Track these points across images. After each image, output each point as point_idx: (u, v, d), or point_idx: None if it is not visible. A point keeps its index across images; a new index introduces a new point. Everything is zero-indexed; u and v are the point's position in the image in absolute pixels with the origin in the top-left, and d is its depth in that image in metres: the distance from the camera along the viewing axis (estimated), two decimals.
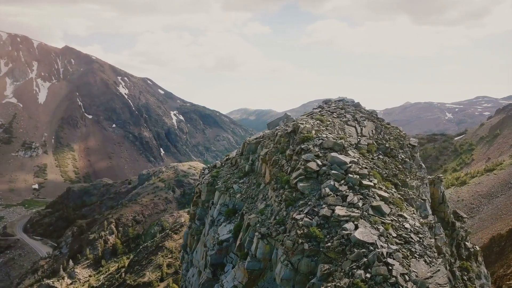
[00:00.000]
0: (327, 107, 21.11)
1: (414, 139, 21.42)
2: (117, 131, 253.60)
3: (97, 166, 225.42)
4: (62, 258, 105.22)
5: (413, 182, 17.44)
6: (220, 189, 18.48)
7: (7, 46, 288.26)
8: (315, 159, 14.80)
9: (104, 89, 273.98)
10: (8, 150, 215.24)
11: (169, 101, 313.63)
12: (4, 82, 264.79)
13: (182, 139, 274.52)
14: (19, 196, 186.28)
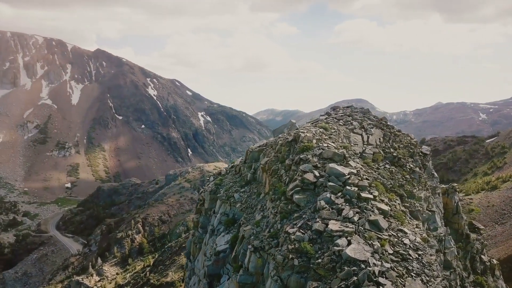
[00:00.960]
0: (334, 114, 20.57)
1: (426, 147, 20.60)
2: (146, 131, 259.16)
3: (126, 166, 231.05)
4: (91, 256, 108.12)
5: (421, 193, 16.70)
6: (221, 198, 18.30)
7: (43, 50, 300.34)
8: (312, 170, 14.27)
9: (134, 91, 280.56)
10: (43, 150, 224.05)
11: (196, 102, 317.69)
12: (40, 85, 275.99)
13: (209, 139, 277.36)
14: (53, 194, 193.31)
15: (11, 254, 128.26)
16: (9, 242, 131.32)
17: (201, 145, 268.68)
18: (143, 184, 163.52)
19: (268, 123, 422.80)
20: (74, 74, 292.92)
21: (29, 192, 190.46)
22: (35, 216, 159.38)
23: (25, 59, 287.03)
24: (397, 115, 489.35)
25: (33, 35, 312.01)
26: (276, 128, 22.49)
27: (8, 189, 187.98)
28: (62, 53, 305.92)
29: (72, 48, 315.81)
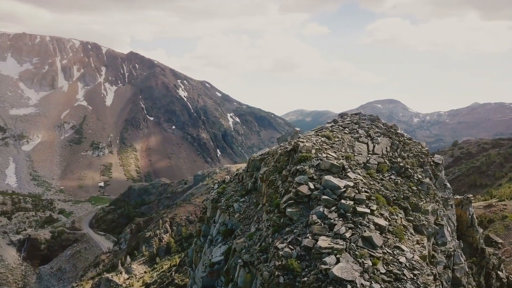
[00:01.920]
0: (341, 121, 19.85)
1: (439, 156, 19.56)
2: (177, 132, 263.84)
3: (157, 166, 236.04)
4: (121, 254, 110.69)
5: (429, 205, 15.85)
6: (221, 207, 18.03)
7: (80, 53, 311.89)
8: (308, 182, 13.65)
9: (165, 92, 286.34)
10: (78, 150, 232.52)
11: (226, 103, 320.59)
12: (76, 87, 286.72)
13: (237, 140, 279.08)
14: (86, 192, 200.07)
15: (47, 250, 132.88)
16: (45, 238, 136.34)
17: (230, 146, 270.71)
18: (172, 184, 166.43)
19: (297, 123, 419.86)
20: (108, 76, 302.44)
21: (65, 190, 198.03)
22: (69, 214, 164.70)
23: (62, 62, 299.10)
24: (431, 116, 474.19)
25: (70, 39, 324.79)
26: (280, 136, 21.93)
27: (46, 187, 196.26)
28: (97, 56, 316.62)
29: (106, 51, 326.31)
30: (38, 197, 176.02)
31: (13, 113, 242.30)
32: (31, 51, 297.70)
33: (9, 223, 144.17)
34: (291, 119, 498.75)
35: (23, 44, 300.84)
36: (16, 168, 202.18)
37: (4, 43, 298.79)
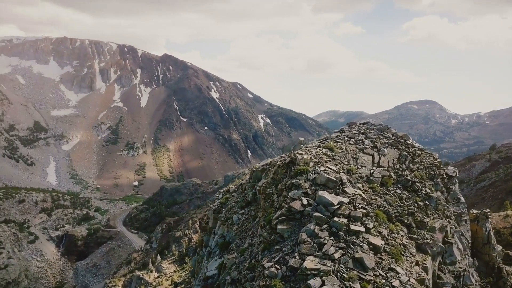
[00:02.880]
0: (347, 131, 19.10)
1: (452, 168, 18.44)
2: (209, 133, 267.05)
3: (189, 166, 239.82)
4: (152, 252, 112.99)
5: (436, 222, 14.95)
6: (221, 219, 17.72)
7: (117, 56, 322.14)
8: (302, 197, 13.04)
9: (198, 94, 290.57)
10: (114, 150, 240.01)
11: (257, 104, 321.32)
12: (113, 88, 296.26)
13: (268, 141, 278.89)
14: (121, 191, 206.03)
15: (83, 246, 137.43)
16: (82, 235, 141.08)
17: (261, 147, 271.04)
18: (203, 184, 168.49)
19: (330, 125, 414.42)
20: (143, 78, 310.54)
21: (101, 189, 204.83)
22: (105, 212, 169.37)
23: (100, 65, 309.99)
24: (470, 117, 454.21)
25: (108, 42, 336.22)
26: (286, 145, 21.37)
27: (83, 186, 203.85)
28: (133, 59, 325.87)
29: (142, 54, 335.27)
30: (76, 195, 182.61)
31: (54, 114, 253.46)
32: (71, 55, 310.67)
33: (49, 219, 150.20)
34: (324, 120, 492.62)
35: (64, 48, 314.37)
36: (56, 167, 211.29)
37: (47, 47, 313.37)
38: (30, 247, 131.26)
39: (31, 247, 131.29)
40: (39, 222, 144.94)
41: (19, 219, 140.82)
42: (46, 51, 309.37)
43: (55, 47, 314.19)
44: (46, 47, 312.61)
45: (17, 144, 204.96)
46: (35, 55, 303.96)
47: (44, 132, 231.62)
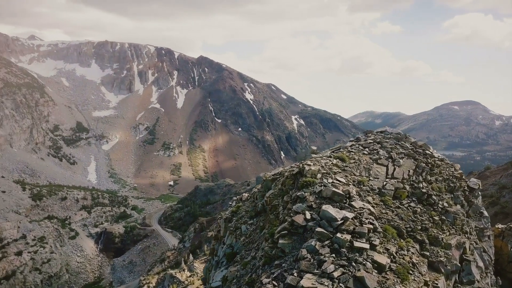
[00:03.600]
0: (363, 140, 18.36)
1: (475, 180, 17.34)
2: (242, 134, 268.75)
3: (223, 166, 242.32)
4: (185, 252, 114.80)
5: (453, 238, 14.14)
6: (230, 228, 17.51)
7: (154, 58, 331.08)
8: (305, 211, 12.52)
9: (232, 95, 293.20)
10: (151, 150, 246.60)
11: (291, 105, 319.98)
12: (151, 90, 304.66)
13: (301, 143, 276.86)
14: (157, 191, 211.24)
15: (121, 243, 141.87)
16: (119, 232, 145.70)
17: (294, 148, 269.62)
18: (235, 184, 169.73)
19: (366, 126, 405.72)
20: (179, 80, 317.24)
21: (138, 188, 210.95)
22: (141, 210, 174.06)
23: (139, 67, 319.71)
24: None
25: (146, 45, 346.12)
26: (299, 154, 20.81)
27: (121, 185, 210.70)
28: (170, 61, 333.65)
29: (178, 56, 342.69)
30: (114, 194, 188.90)
31: (95, 115, 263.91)
32: (112, 58, 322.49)
33: (89, 216, 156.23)
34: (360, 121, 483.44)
35: (105, 51, 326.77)
36: (97, 166, 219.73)
37: (89, 50, 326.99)
38: (71, 242, 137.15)
39: (72, 242, 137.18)
40: (80, 219, 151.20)
41: (61, 216, 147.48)
42: (88, 54, 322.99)
43: (97, 51, 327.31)
44: (88, 50, 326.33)
45: (60, 144, 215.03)
46: (78, 59, 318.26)
47: (86, 132, 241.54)
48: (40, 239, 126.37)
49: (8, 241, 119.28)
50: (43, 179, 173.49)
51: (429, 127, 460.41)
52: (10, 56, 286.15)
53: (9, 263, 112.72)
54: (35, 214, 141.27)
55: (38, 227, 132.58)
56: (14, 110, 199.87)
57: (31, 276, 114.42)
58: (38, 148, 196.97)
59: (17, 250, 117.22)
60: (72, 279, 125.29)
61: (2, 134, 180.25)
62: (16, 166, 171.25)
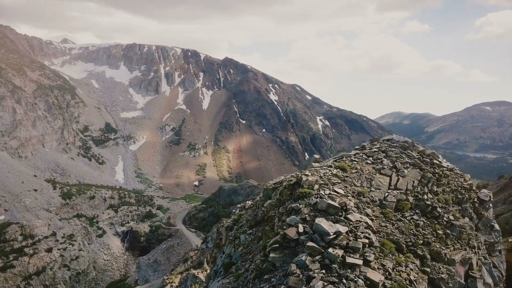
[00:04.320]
0: (368, 148, 17.78)
1: (486, 192, 16.48)
2: (266, 135, 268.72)
3: (247, 167, 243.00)
4: (207, 252, 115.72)
5: (458, 253, 13.49)
6: (230, 237, 17.25)
7: (181, 60, 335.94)
8: (298, 224, 12.17)
9: (256, 96, 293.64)
10: (177, 150, 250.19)
11: (315, 106, 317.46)
12: (177, 91, 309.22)
13: (326, 144, 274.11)
14: (183, 191, 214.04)
15: (146, 242, 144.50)
16: (144, 231, 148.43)
17: (318, 150, 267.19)
18: (259, 186, 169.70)
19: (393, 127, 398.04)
20: (205, 81, 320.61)
21: (164, 188, 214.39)
22: (166, 210, 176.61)
23: (166, 69, 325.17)
24: None
25: (173, 47, 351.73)
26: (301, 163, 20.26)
27: (147, 184, 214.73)
28: (196, 63, 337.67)
29: (204, 58, 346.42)
30: (140, 193, 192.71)
31: (123, 116, 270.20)
32: (139, 60, 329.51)
33: (116, 215, 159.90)
34: (387, 122, 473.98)
35: (133, 53, 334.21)
36: (124, 166, 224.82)
37: (118, 53, 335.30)
38: (99, 240, 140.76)
39: (99, 240, 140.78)
40: (107, 218, 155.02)
41: (89, 214, 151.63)
42: (117, 56, 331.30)
43: (125, 53, 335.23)
44: (117, 53, 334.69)
45: (90, 144, 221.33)
46: (107, 61, 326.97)
47: (114, 133, 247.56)
48: (69, 237, 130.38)
49: (39, 238, 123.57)
50: (73, 178, 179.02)
51: (459, 129, 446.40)
52: (44, 59, 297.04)
53: (39, 259, 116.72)
54: (65, 212, 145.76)
55: (67, 225, 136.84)
56: (46, 111, 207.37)
57: (60, 273, 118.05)
58: (68, 148, 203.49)
59: (48, 247, 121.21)
60: (99, 276, 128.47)
61: (35, 135, 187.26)
62: (48, 165, 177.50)
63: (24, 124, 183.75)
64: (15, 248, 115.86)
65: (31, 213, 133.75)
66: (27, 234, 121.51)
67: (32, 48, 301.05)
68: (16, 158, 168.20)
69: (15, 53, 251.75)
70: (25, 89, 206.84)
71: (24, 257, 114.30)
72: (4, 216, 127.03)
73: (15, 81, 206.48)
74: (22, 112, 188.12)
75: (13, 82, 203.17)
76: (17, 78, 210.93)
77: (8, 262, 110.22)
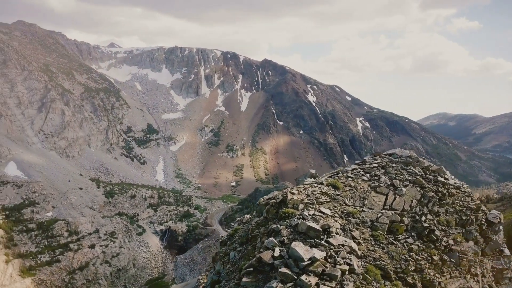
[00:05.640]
0: (368, 163, 16.81)
1: (495, 213, 15.08)
2: (304, 137, 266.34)
3: (284, 168, 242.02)
4: None
5: (454, 282, 12.48)
6: (220, 253, 16.81)
7: (220, 62, 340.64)
8: (275, 247, 11.59)
9: (294, 98, 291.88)
10: (216, 151, 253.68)
11: (355, 107, 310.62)
12: (217, 93, 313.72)
13: (366, 146, 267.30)
14: (220, 191, 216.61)
15: (183, 242, 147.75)
16: (182, 231, 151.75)
17: (358, 152, 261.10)
18: None
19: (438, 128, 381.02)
20: (244, 83, 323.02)
21: (202, 188, 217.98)
22: (204, 210, 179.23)
23: (206, 71, 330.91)
24: None
25: (213, 49, 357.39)
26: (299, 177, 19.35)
27: (186, 184, 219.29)
28: (235, 65, 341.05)
29: (243, 60, 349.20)
30: (179, 193, 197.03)
31: (164, 117, 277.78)
32: (181, 62, 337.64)
33: (155, 214, 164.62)
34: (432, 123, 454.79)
35: (175, 56, 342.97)
36: (164, 166, 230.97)
37: (161, 56, 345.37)
38: (138, 238, 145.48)
39: (139, 238, 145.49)
40: (147, 216, 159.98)
41: (130, 213, 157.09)
42: (159, 60, 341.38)
43: (167, 56, 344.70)
44: (160, 56, 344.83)
45: (132, 145, 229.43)
46: (150, 64, 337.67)
47: (155, 134, 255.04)
48: (111, 234, 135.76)
49: (83, 235, 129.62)
50: (116, 177, 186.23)
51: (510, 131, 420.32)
52: (91, 63, 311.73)
53: (83, 255, 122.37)
54: (107, 210, 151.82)
55: (109, 223, 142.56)
56: (92, 113, 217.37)
57: (101, 268, 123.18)
58: (112, 148, 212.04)
59: (91, 243, 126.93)
60: (138, 273, 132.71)
61: (82, 135, 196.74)
62: (93, 165, 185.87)
63: (72, 125, 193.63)
64: (61, 244, 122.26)
65: (76, 211, 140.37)
66: (72, 231, 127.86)
67: (81, 52, 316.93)
68: (64, 158, 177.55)
69: (65, 57, 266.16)
70: (73, 92, 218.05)
71: (69, 253, 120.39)
72: (52, 212, 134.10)
73: (64, 84, 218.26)
74: (70, 114, 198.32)
75: (62, 85, 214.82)
76: (66, 82, 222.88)
77: (54, 257, 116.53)
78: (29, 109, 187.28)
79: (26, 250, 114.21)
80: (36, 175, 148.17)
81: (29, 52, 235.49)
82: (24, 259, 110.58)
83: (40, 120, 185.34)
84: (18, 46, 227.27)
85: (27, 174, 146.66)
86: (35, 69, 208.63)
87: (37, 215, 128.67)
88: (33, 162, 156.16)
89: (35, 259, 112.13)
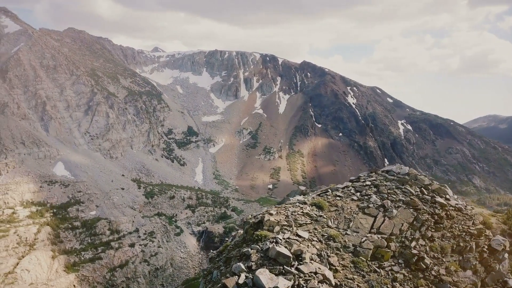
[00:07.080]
0: (362, 181, 15.72)
1: (500, 240, 13.49)
2: (343, 139, 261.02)
3: (321, 172, 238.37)
4: None
5: None
6: (204, 271, 16.21)
7: (259, 65, 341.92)
8: (241, 273, 11.00)
9: (333, 100, 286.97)
10: (253, 153, 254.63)
11: (397, 110, 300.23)
12: (255, 96, 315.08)
13: (408, 150, 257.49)
14: (257, 193, 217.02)
15: (219, 243, 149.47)
16: (218, 232, 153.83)
17: (399, 156, 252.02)
18: None
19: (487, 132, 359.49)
20: (282, 85, 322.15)
21: (239, 190, 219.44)
22: (240, 212, 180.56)
23: (245, 74, 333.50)
24: None
25: (252, 52, 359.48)
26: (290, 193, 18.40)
27: (224, 186, 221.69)
28: (274, 67, 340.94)
29: (282, 62, 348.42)
30: (217, 194, 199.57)
31: (204, 119, 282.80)
32: (220, 66, 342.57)
33: (193, 215, 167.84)
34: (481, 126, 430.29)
35: (215, 59, 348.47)
36: (203, 168, 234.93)
37: (201, 60, 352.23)
38: (176, 239, 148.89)
39: (177, 239, 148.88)
40: (185, 217, 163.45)
41: (169, 213, 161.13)
42: (200, 63, 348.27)
43: (208, 59, 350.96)
44: (200, 59, 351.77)
45: (173, 146, 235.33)
46: (191, 67, 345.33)
47: (195, 136, 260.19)
48: (150, 234, 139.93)
49: (124, 234, 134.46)
50: (156, 178, 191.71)
51: None
52: (136, 67, 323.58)
53: (123, 253, 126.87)
54: (147, 211, 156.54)
55: (149, 223, 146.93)
56: (135, 116, 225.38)
57: (140, 267, 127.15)
58: (153, 150, 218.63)
59: (131, 242, 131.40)
60: (175, 273, 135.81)
61: (125, 137, 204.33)
62: (135, 166, 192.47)
63: (116, 128, 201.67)
64: (103, 242, 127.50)
65: (118, 210, 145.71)
66: (114, 229, 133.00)
67: (126, 57, 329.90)
68: (108, 159, 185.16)
69: (111, 62, 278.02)
70: (118, 95, 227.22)
71: (110, 250, 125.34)
72: (95, 211, 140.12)
73: (109, 88, 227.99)
74: (114, 117, 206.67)
75: (107, 89, 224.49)
76: (111, 86, 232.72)
77: (96, 254, 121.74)
78: (77, 112, 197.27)
79: (71, 247, 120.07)
80: (82, 175, 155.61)
81: (78, 57, 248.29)
82: (69, 256, 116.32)
83: (86, 122, 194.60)
84: (68, 52, 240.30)
85: (73, 174, 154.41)
86: (83, 73, 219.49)
87: (82, 213, 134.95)
88: (79, 163, 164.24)
89: (79, 256, 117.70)
